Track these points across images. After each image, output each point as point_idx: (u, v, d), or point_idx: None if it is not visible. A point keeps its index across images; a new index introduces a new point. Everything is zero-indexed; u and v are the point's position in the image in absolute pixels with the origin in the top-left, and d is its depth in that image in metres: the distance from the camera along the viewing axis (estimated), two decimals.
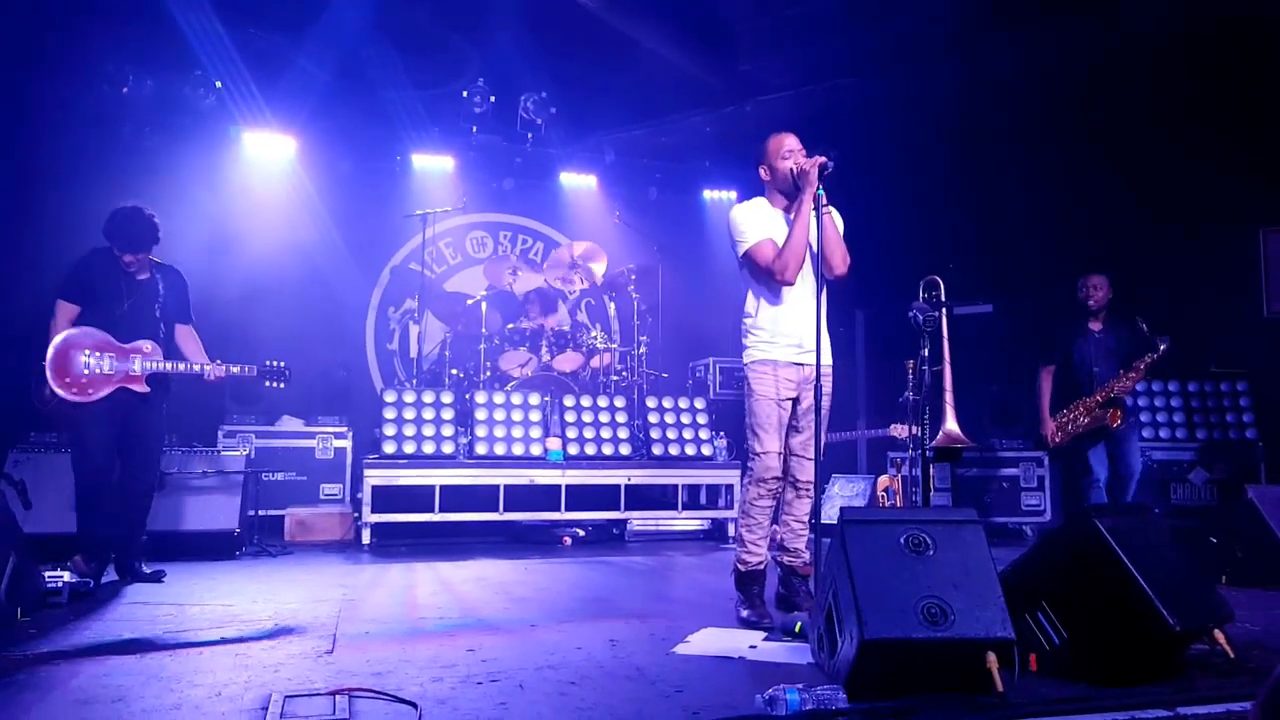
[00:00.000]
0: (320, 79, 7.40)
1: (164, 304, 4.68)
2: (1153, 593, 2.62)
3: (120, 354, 4.48)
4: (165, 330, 4.69)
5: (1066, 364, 5.74)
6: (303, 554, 5.90)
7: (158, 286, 4.67)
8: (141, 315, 4.58)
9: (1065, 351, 5.75)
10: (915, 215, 7.78)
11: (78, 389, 4.36)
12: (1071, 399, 5.67)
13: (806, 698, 2.39)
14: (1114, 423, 5.45)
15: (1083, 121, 7.24)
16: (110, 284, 4.55)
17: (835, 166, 3.64)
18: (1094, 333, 5.73)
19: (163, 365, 4.56)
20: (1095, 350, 5.68)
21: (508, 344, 7.28)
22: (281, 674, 2.80)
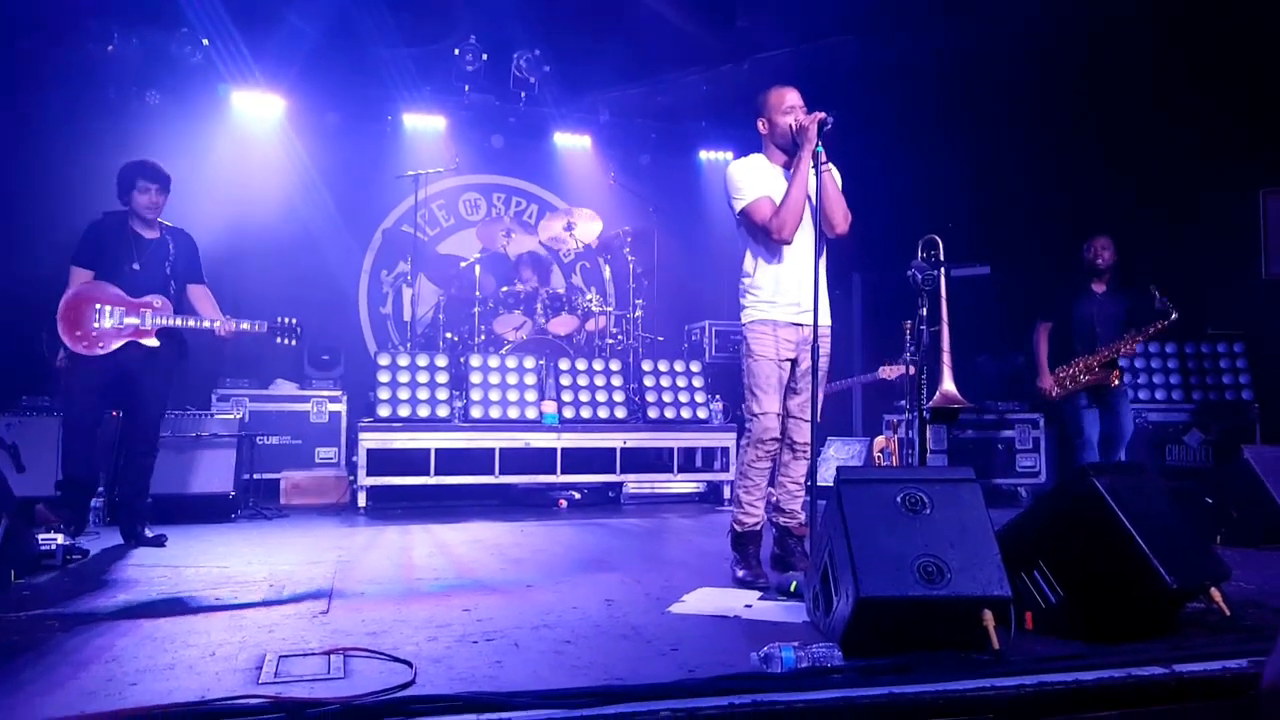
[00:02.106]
0: (309, 36, 7.25)
1: (174, 263, 4.69)
2: (1150, 551, 2.61)
3: (131, 308, 4.48)
4: (176, 288, 4.69)
5: (1066, 322, 5.74)
6: (298, 517, 5.90)
7: (167, 246, 4.69)
8: (152, 274, 4.59)
9: (1065, 310, 5.75)
10: (913, 177, 7.71)
11: (88, 342, 4.36)
12: (1068, 357, 5.68)
13: (802, 655, 2.39)
14: (1114, 382, 5.48)
15: (1083, 83, 7.15)
16: (120, 245, 4.56)
17: (834, 124, 3.58)
18: (1097, 294, 5.73)
19: (172, 320, 4.56)
20: (1098, 311, 5.67)
21: (502, 307, 7.23)
22: (276, 634, 2.79)
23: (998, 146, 7.48)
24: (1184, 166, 6.93)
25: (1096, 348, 5.58)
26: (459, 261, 7.56)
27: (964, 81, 7.41)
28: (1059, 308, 5.79)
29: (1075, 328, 5.69)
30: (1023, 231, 7.55)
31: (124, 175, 4.60)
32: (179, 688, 2.23)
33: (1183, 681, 2.33)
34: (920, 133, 7.79)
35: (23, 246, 6.62)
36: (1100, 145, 7.20)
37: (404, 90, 8.13)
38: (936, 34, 7.16)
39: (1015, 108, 7.39)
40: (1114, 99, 7.07)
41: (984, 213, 7.51)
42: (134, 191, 4.59)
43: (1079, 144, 7.27)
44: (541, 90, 8.23)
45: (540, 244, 7.97)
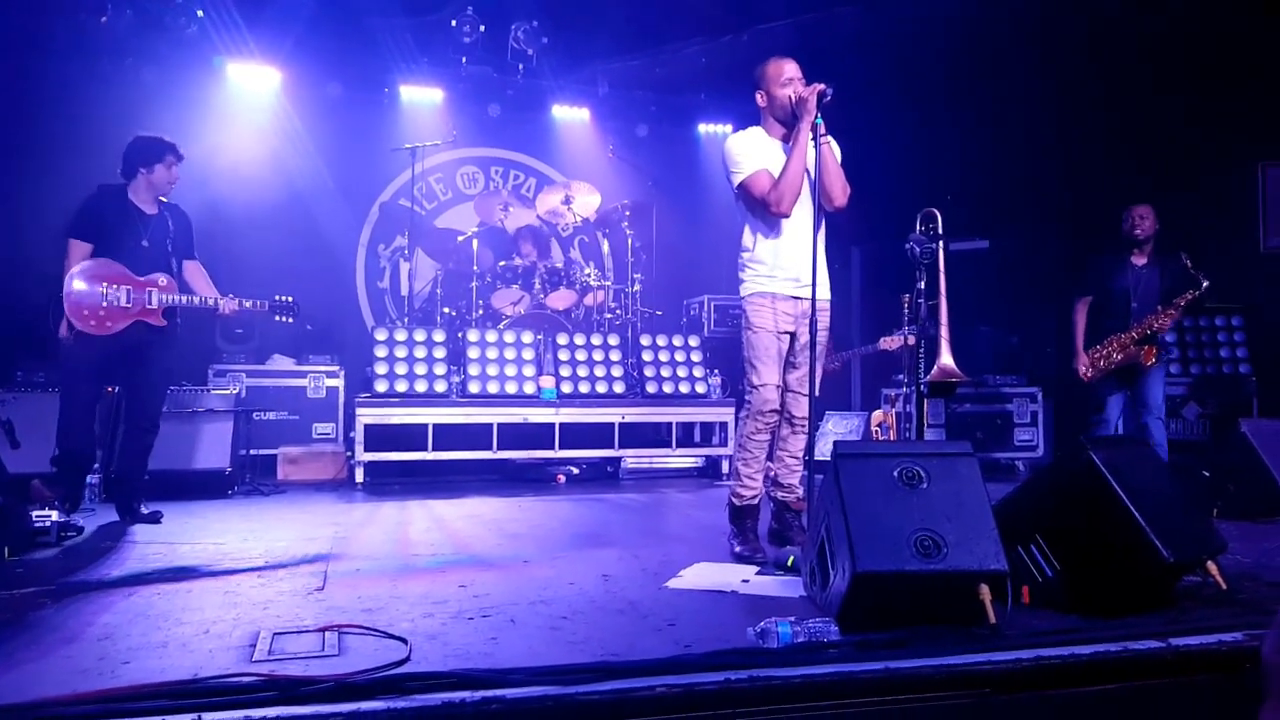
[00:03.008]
0: (305, 6, 7.15)
1: (174, 240, 4.66)
2: (1147, 524, 2.60)
3: (137, 287, 4.44)
4: (177, 265, 4.67)
5: (1105, 296, 5.48)
6: (295, 493, 5.90)
7: (167, 222, 4.65)
8: (157, 251, 4.56)
9: (1103, 284, 5.50)
10: (913, 150, 7.65)
11: (95, 322, 4.33)
12: (1105, 332, 5.45)
13: (798, 630, 2.38)
14: (1148, 360, 5.26)
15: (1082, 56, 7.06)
16: (123, 221, 4.51)
17: (834, 96, 3.54)
18: (1136, 266, 5.46)
19: (178, 299, 4.54)
20: (1137, 283, 5.41)
21: (500, 282, 7.20)
22: (271, 611, 2.79)
23: (997, 119, 7.42)
24: (1183, 139, 6.87)
25: (1130, 323, 5.36)
26: (457, 235, 7.50)
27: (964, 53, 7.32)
28: (1097, 282, 5.53)
29: (1112, 302, 5.45)
30: (1022, 205, 7.50)
31: (147, 149, 4.54)
32: (172, 665, 2.23)
33: (1179, 655, 2.32)
34: (920, 105, 7.71)
35: (14, 219, 6.58)
36: (1099, 118, 7.13)
37: (401, 62, 8.03)
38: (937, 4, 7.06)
39: (1015, 81, 7.31)
40: (1113, 72, 6.99)
41: (983, 186, 7.45)
42: (158, 165, 4.54)
43: (1077, 117, 7.21)
44: (540, 62, 8.14)
45: (538, 218, 7.91)
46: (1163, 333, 5.35)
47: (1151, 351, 5.28)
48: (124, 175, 4.57)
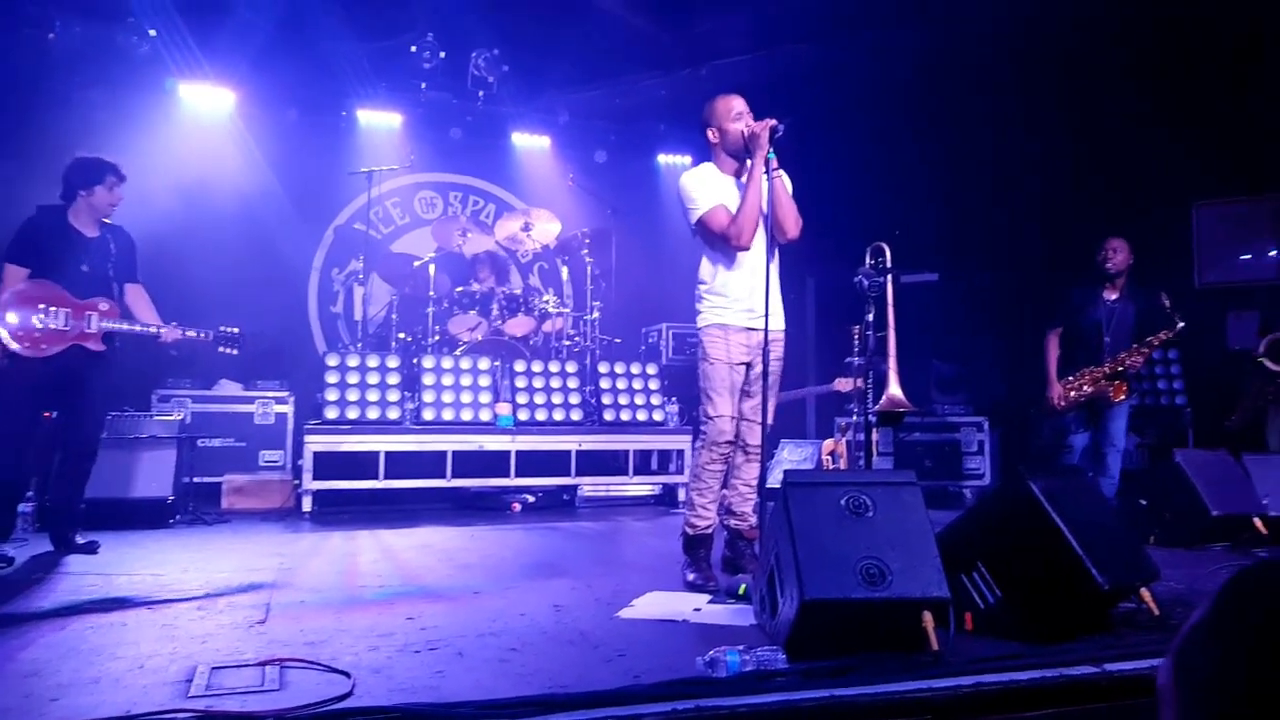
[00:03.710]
0: (261, 28, 7.11)
1: (116, 263, 4.55)
2: (1083, 553, 2.67)
3: (76, 310, 4.32)
4: (118, 289, 4.56)
5: (1076, 329, 5.45)
6: (240, 522, 5.77)
7: (109, 245, 4.54)
8: (97, 275, 4.45)
9: (1074, 316, 5.46)
10: (867, 183, 7.80)
11: (30, 344, 4.19)
12: (1076, 365, 5.42)
13: (747, 659, 2.40)
14: (1117, 397, 5.25)
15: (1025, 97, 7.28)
16: (62, 244, 4.39)
17: (786, 131, 3.61)
18: (1108, 300, 5.43)
19: (119, 324, 4.42)
20: (1109, 318, 5.38)
21: (457, 307, 7.16)
22: (209, 645, 2.72)
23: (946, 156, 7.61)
24: (1122, 179, 7.11)
25: (1103, 357, 5.32)
26: (413, 260, 7.47)
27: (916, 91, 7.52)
28: (1068, 314, 5.50)
29: (1083, 334, 5.41)
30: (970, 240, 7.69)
31: (87, 170, 4.44)
32: (103, 702, 2.16)
33: (1113, 679, 2.38)
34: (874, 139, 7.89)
35: None
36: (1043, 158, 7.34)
37: (359, 86, 8.02)
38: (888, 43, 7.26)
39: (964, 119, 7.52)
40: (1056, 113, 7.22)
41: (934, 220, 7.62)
42: (98, 187, 4.43)
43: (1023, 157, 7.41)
44: (500, 89, 8.18)
45: (497, 244, 7.91)
46: (1134, 369, 5.34)
47: (1122, 388, 5.26)
48: (63, 197, 4.46)
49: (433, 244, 7.68)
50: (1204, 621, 0.68)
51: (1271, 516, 4.70)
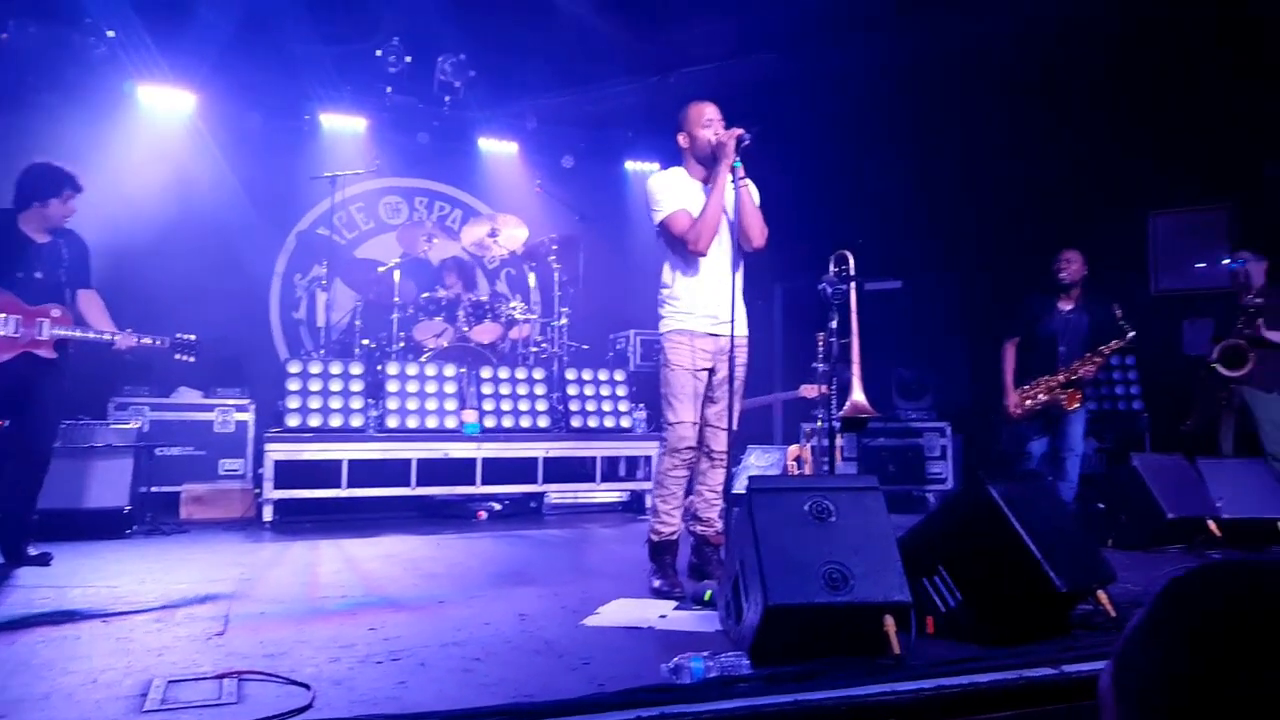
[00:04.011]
0: (222, 30, 7.00)
1: (68, 268, 4.44)
2: (1041, 556, 2.71)
3: (27, 317, 4.21)
4: (70, 296, 4.45)
5: (1033, 338, 5.56)
6: (199, 532, 5.66)
7: (61, 251, 4.43)
8: (49, 281, 4.34)
9: (1031, 326, 5.58)
10: (833, 192, 7.88)
11: None
12: (1032, 373, 5.52)
13: (711, 665, 2.40)
14: (1071, 405, 5.36)
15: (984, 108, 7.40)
16: (12, 249, 4.28)
17: (754, 141, 3.64)
18: (1063, 310, 5.56)
19: (72, 332, 4.32)
20: (1064, 328, 5.52)
21: (422, 314, 7.11)
22: (166, 658, 2.67)
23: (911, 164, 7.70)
24: (1081, 188, 7.25)
25: (1058, 366, 5.44)
26: (378, 266, 7.39)
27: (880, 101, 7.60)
28: (1025, 324, 5.62)
29: (1039, 344, 5.52)
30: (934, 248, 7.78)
31: (43, 180, 4.33)
32: (55, 718, 2.12)
33: (1071, 681, 2.41)
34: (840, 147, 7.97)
35: None
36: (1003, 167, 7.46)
37: (322, 89, 7.94)
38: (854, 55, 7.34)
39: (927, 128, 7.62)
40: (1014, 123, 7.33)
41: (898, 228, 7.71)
42: (54, 200, 4.33)
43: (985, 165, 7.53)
44: (467, 95, 8.13)
45: (463, 250, 7.86)
46: (1088, 377, 5.46)
47: (1076, 396, 5.38)
48: (15, 203, 4.36)
49: (398, 249, 7.61)
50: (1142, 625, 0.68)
51: (1225, 519, 4.80)
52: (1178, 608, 0.67)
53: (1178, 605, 0.67)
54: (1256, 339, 5.37)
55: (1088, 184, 7.20)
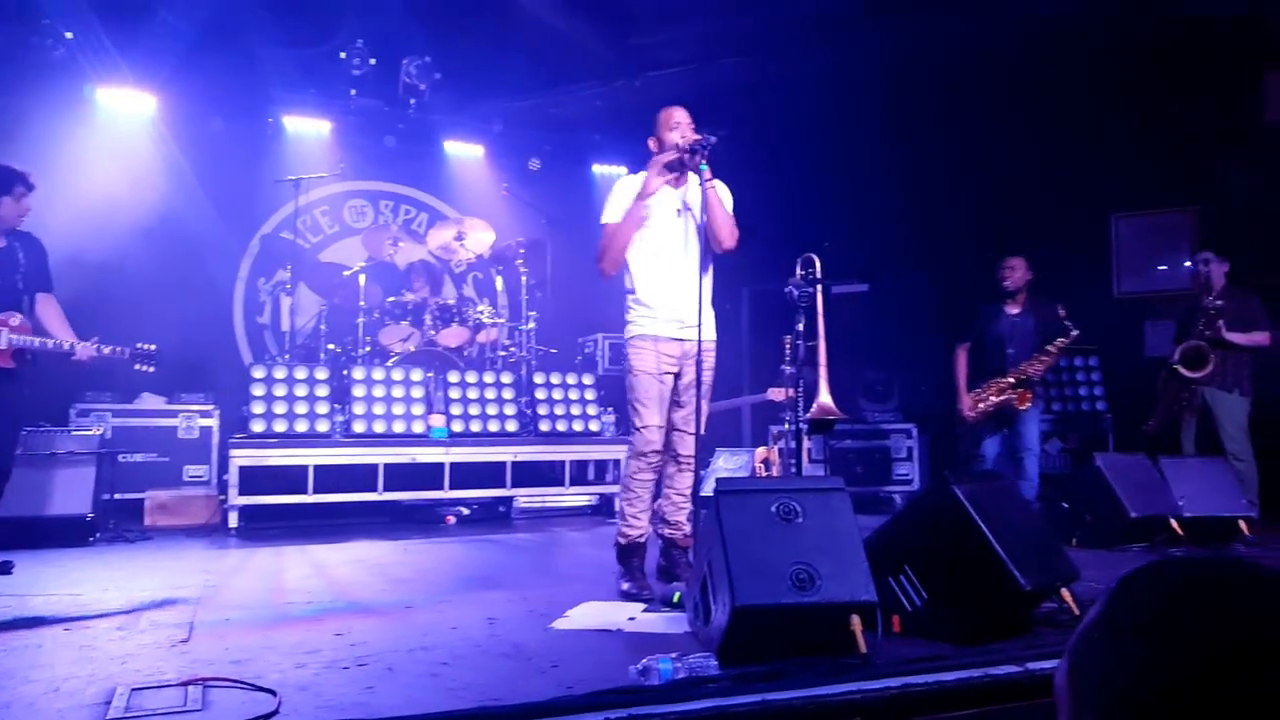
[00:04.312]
0: (183, 32, 6.91)
1: (25, 274, 4.33)
2: (1005, 555, 2.75)
3: None
4: (29, 301, 4.34)
5: (983, 343, 5.71)
6: (164, 539, 5.58)
7: (17, 255, 4.32)
8: (5, 287, 4.23)
9: (981, 331, 5.73)
10: (801, 194, 7.94)
11: None
12: (985, 376, 5.64)
13: (679, 666, 2.41)
14: (1022, 405, 5.49)
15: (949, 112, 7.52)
16: None
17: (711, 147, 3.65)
18: (1010, 314, 5.70)
19: (31, 340, 4.22)
20: (1011, 331, 5.66)
21: (388, 318, 7.06)
22: (130, 666, 2.64)
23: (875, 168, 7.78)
24: (1046, 191, 7.36)
25: (1007, 368, 5.56)
26: (343, 270, 7.33)
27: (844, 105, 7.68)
28: (975, 329, 5.76)
29: (989, 348, 5.67)
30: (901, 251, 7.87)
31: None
32: None
33: (1035, 678, 2.45)
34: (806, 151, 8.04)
35: None
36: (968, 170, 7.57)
37: (286, 92, 7.86)
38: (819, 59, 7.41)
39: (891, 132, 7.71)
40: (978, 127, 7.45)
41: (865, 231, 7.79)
42: (6, 198, 4.21)
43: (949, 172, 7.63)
44: (432, 97, 8.09)
45: (430, 253, 7.82)
46: (1036, 377, 5.57)
47: (1026, 395, 5.50)
48: None
49: (363, 253, 7.55)
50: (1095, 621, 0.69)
51: (1187, 517, 4.87)
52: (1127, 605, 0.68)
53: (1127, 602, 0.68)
54: (1217, 340, 5.48)
55: (1052, 187, 7.32)
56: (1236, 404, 5.54)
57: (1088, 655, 0.68)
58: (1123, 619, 0.68)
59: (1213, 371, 5.49)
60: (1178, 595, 0.66)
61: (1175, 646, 0.62)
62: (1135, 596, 0.69)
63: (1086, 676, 0.67)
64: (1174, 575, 0.68)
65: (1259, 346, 5.49)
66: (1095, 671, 0.66)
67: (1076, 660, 0.69)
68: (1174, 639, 0.63)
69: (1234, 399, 5.54)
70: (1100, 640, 0.68)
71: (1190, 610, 0.64)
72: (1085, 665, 0.68)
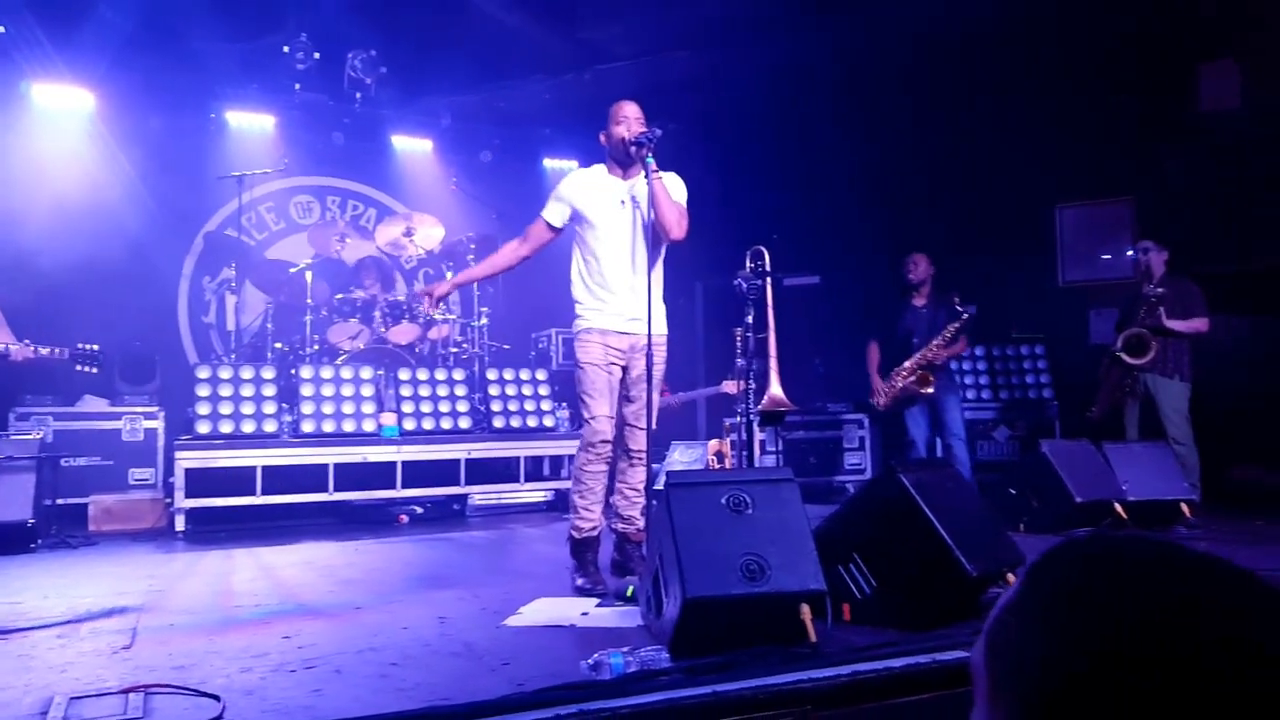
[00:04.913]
0: (120, 26, 6.73)
1: None
2: (952, 542, 2.79)
3: None
4: None
5: (891, 336, 6.10)
6: (109, 544, 5.45)
7: None
8: None
9: (891, 324, 6.13)
10: (753, 189, 7.98)
11: None
12: (896, 365, 6.05)
13: (631, 660, 2.41)
14: (924, 388, 5.85)
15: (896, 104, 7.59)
16: None
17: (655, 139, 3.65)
18: (917, 307, 6.12)
19: None
20: (917, 323, 6.05)
21: (337, 315, 6.95)
22: (69, 674, 2.56)
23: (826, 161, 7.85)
24: (991, 182, 7.48)
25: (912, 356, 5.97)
26: (289, 267, 7.20)
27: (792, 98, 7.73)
28: (885, 323, 6.18)
29: (898, 340, 6.08)
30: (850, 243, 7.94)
31: None
32: None
33: None
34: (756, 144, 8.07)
35: None
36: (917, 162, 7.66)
37: (228, 87, 7.71)
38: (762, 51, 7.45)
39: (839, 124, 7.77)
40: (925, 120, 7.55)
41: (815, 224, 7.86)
42: None
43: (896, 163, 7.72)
44: (378, 91, 7.98)
45: (378, 249, 7.71)
46: (938, 361, 5.93)
47: (926, 378, 5.88)
48: None
49: (310, 250, 7.43)
50: (1011, 603, 0.67)
51: (1131, 501, 4.96)
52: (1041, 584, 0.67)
53: (1042, 581, 0.67)
54: (1159, 328, 5.61)
55: (998, 179, 7.44)
56: (1177, 390, 5.67)
57: (1003, 638, 0.66)
58: (1039, 601, 0.66)
59: (1154, 358, 5.62)
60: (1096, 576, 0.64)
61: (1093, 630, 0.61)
62: (1050, 577, 0.67)
63: (1002, 659, 0.66)
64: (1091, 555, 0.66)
65: (1198, 333, 5.63)
66: (1012, 655, 0.65)
67: (993, 642, 0.67)
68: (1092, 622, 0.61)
69: (1174, 385, 5.67)
70: (1015, 623, 0.66)
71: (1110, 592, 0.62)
72: (1001, 648, 0.66)
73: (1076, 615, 0.62)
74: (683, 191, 3.90)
